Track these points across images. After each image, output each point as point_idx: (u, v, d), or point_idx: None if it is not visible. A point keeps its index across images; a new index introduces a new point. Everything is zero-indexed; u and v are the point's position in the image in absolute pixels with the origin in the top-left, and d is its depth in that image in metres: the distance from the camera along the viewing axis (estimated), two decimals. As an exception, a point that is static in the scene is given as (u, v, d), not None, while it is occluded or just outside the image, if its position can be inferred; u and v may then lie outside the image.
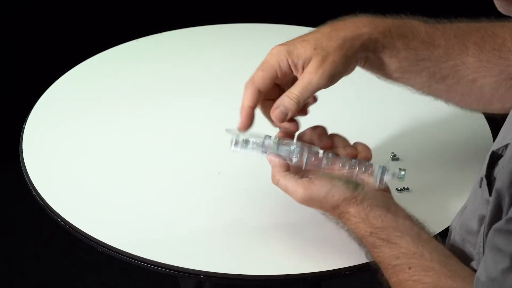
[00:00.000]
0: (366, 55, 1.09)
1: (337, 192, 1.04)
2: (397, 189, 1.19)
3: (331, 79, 1.06)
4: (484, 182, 0.95)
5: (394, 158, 1.25)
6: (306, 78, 1.06)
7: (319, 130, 1.10)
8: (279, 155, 1.07)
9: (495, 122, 1.21)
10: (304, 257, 1.10)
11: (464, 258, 0.99)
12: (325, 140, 1.09)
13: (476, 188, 0.98)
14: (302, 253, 1.10)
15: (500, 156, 0.94)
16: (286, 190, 1.06)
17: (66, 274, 2.10)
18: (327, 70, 1.06)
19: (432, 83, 1.12)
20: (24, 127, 1.32)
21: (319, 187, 1.04)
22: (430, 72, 1.11)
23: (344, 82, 1.10)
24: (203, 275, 1.08)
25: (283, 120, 1.08)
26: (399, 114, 1.33)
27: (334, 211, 1.05)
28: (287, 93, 1.07)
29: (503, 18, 1.11)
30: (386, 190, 1.07)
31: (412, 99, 1.21)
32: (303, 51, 1.06)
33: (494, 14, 1.11)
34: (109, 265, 2.10)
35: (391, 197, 1.07)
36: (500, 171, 0.92)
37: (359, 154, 1.09)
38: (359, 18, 1.11)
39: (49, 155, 1.27)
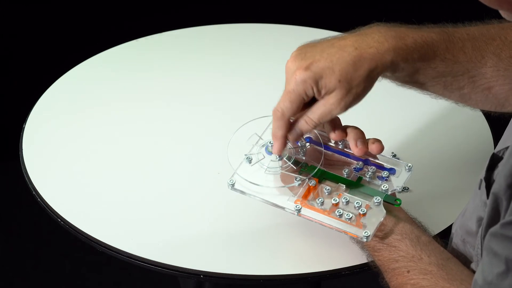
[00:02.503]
0: (383, 75, 1.09)
1: None
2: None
3: (349, 108, 1.06)
4: (483, 184, 0.95)
5: (394, 158, 1.24)
6: (327, 108, 1.05)
7: (333, 120, 1.10)
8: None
9: (496, 123, 1.21)
10: (304, 257, 1.10)
11: (465, 259, 0.99)
12: (338, 130, 1.10)
13: (475, 189, 0.98)
14: (302, 253, 1.10)
15: (501, 158, 0.94)
16: None
17: (66, 274, 2.10)
18: (348, 102, 1.05)
19: (446, 93, 1.12)
20: (24, 127, 1.32)
21: None
22: (446, 82, 1.11)
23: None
24: (203, 275, 1.08)
25: (297, 140, 1.08)
26: (399, 114, 1.33)
27: None
28: (305, 117, 1.06)
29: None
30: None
31: (413, 100, 1.21)
32: (328, 81, 1.04)
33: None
34: (109, 265, 2.10)
35: None
36: (498, 174, 0.92)
37: (370, 151, 1.08)
38: (382, 35, 1.07)
39: (49, 155, 1.27)
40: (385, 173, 1.09)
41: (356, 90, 1.05)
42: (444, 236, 1.09)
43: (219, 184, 1.20)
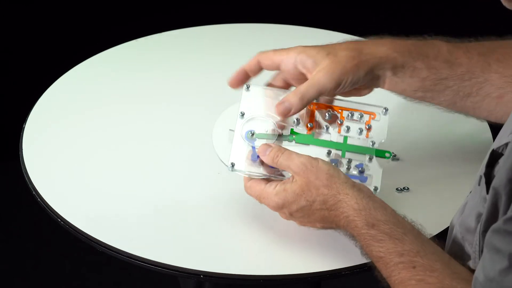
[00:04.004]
0: (384, 74, 1.11)
1: (336, 172, 1.05)
2: (397, 189, 1.19)
3: (338, 83, 1.08)
4: (483, 180, 0.95)
5: (394, 158, 1.25)
6: (315, 78, 1.08)
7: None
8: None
9: (496, 123, 1.21)
10: (304, 257, 1.10)
11: (463, 257, 0.99)
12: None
13: (475, 186, 0.98)
14: (302, 253, 1.10)
15: (501, 154, 0.94)
16: (288, 157, 1.06)
17: (66, 274, 2.10)
18: (336, 73, 1.07)
19: (457, 101, 1.13)
20: (24, 127, 1.32)
21: (321, 162, 1.05)
22: (453, 90, 1.12)
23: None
24: (203, 275, 1.08)
25: (285, 115, 1.09)
26: (399, 114, 1.33)
27: (330, 189, 1.04)
28: (294, 90, 1.09)
29: None
30: (370, 190, 1.07)
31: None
32: (315, 52, 1.09)
33: (496, 34, 1.13)
34: (109, 265, 2.10)
35: None
36: (499, 170, 0.92)
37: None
38: (380, 39, 1.13)
39: (49, 155, 1.27)
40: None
41: (345, 64, 1.08)
42: (444, 236, 1.09)
43: (219, 184, 1.20)
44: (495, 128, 1.23)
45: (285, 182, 1.07)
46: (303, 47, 1.10)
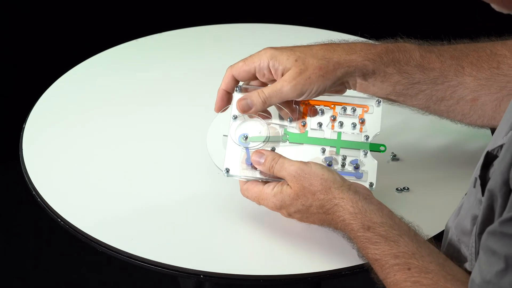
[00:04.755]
0: (354, 79, 1.12)
1: (331, 175, 1.05)
2: (397, 189, 1.19)
3: (302, 93, 1.10)
4: (478, 182, 0.95)
5: (394, 158, 1.25)
6: (279, 85, 1.10)
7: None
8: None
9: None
10: (304, 257, 1.10)
11: (460, 259, 0.99)
12: None
13: (470, 188, 0.98)
14: (302, 253, 1.10)
15: (496, 156, 0.94)
16: (281, 167, 1.07)
17: (66, 274, 2.10)
18: (299, 83, 1.09)
19: (430, 105, 1.14)
20: (24, 127, 1.32)
21: (314, 166, 1.06)
22: (426, 94, 1.13)
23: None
24: (203, 275, 1.08)
25: (244, 112, 1.12)
26: (399, 114, 1.33)
27: (326, 193, 1.05)
28: (259, 90, 1.11)
29: (504, 37, 1.13)
30: (368, 190, 1.08)
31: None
32: (285, 59, 1.10)
33: (495, 33, 1.13)
34: (109, 265, 2.10)
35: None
36: (494, 172, 0.92)
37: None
38: (353, 43, 1.13)
39: (49, 155, 1.27)
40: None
41: (309, 74, 1.09)
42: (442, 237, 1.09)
43: (219, 184, 1.20)
44: (495, 129, 1.23)
45: (283, 183, 1.07)
46: (273, 51, 1.11)
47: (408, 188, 1.19)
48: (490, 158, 0.95)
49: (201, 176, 1.23)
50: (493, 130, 1.28)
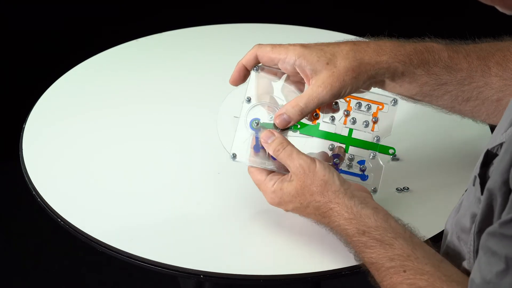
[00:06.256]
0: (383, 80, 1.11)
1: (331, 178, 1.05)
2: (397, 189, 1.19)
3: (337, 96, 1.09)
4: (477, 180, 0.95)
5: (394, 158, 1.25)
6: (314, 92, 1.08)
7: None
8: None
9: (493, 124, 1.21)
10: (304, 257, 1.10)
11: (459, 257, 0.99)
12: None
13: (470, 186, 0.98)
14: (302, 253, 1.10)
15: (495, 155, 0.94)
16: (288, 155, 1.07)
17: (66, 274, 2.10)
18: (335, 87, 1.08)
19: (455, 105, 1.14)
20: (24, 127, 1.32)
21: (319, 166, 1.06)
22: (452, 95, 1.13)
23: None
24: (203, 275, 1.08)
25: (284, 127, 1.10)
26: (399, 114, 1.33)
27: (323, 196, 1.05)
28: (292, 102, 1.09)
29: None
30: (367, 192, 1.08)
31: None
32: (315, 60, 1.08)
33: (490, 30, 1.13)
34: (109, 265, 2.10)
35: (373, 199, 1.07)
36: (494, 171, 0.92)
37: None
38: (382, 42, 1.12)
39: (49, 155, 1.27)
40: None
41: (344, 77, 1.08)
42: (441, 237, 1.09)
43: (219, 185, 1.20)
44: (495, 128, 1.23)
45: (283, 180, 1.07)
46: (302, 48, 1.09)
47: (408, 188, 1.19)
48: (490, 156, 0.95)
49: (201, 176, 1.23)
50: (492, 129, 1.28)
